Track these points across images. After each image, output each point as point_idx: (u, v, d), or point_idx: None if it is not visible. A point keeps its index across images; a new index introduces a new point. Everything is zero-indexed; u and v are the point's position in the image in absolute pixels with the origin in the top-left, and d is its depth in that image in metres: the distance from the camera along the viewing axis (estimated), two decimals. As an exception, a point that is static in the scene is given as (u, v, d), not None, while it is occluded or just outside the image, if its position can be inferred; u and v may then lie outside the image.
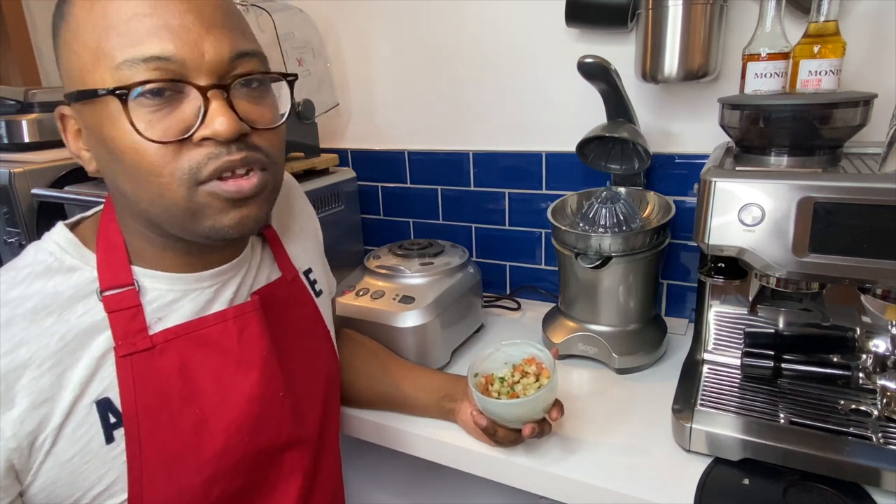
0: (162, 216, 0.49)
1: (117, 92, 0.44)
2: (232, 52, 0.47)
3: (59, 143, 1.22)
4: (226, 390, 0.55)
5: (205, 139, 0.46)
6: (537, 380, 0.70)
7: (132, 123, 0.45)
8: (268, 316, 0.60)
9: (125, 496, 0.50)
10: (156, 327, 0.53)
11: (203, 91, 0.46)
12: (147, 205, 0.49)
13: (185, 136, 0.46)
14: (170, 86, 0.45)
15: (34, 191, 1.07)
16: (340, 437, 0.77)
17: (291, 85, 0.54)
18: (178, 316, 0.54)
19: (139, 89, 0.44)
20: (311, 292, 0.69)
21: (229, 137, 0.46)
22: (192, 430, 0.53)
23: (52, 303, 0.49)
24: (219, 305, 0.57)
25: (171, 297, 0.54)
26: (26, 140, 1.20)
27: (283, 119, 0.53)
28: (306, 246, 0.72)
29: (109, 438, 0.49)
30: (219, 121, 0.46)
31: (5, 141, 1.21)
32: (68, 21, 0.46)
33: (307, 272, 0.70)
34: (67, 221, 0.56)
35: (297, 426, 0.61)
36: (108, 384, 0.50)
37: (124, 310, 0.51)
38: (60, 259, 0.51)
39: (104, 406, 0.49)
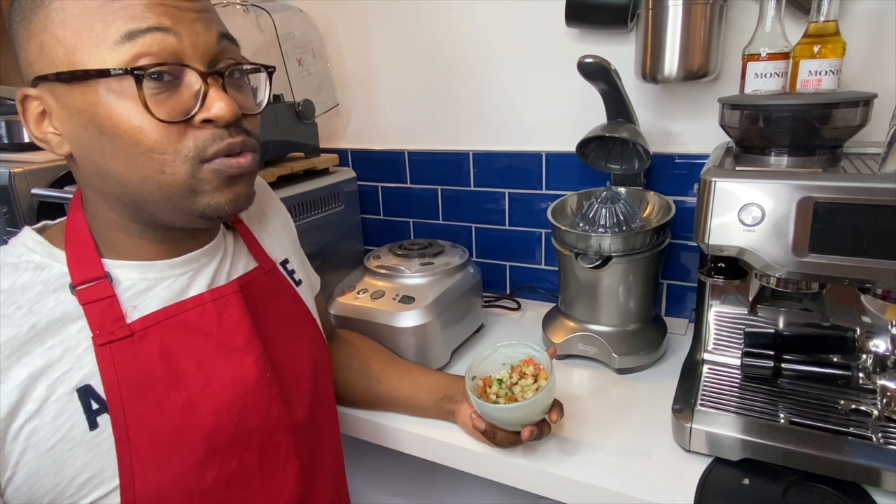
0: (154, 194, 0.50)
1: (135, 72, 0.45)
2: (218, 36, 0.51)
3: (59, 143, 1.22)
4: (210, 373, 0.55)
5: (204, 121, 0.49)
6: (535, 380, 0.70)
7: (145, 103, 0.46)
8: (249, 303, 0.60)
9: (115, 483, 0.49)
10: (132, 315, 0.53)
11: (204, 76, 0.49)
12: (138, 185, 0.49)
13: (187, 117, 0.48)
14: (174, 69, 0.48)
15: (34, 191, 1.07)
16: (341, 437, 0.77)
17: (270, 77, 0.57)
18: (153, 304, 0.54)
19: (137, 71, 0.46)
20: (291, 282, 0.70)
21: (230, 120, 0.50)
22: (180, 413, 0.53)
23: (20, 297, 0.49)
24: (194, 293, 0.57)
25: (145, 286, 0.55)
26: (26, 140, 1.20)
27: (263, 106, 0.57)
28: (279, 239, 0.73)
29: (93, 424, 0.49)
30: (218, 105, 0.49)
31: (5, 141, 1.21)
32: (48, 6, 0.46)
33: (284, 263, 0.71)
34: (33, 226, 0.56)
35: (287, 410, 0.61)
36: (87, 371, 0.50)
37: (98, 301, 0.51)
38: (28, 259, 0.52)
39: (85, 393, 0.49)
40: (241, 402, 0.56)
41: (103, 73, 0.46)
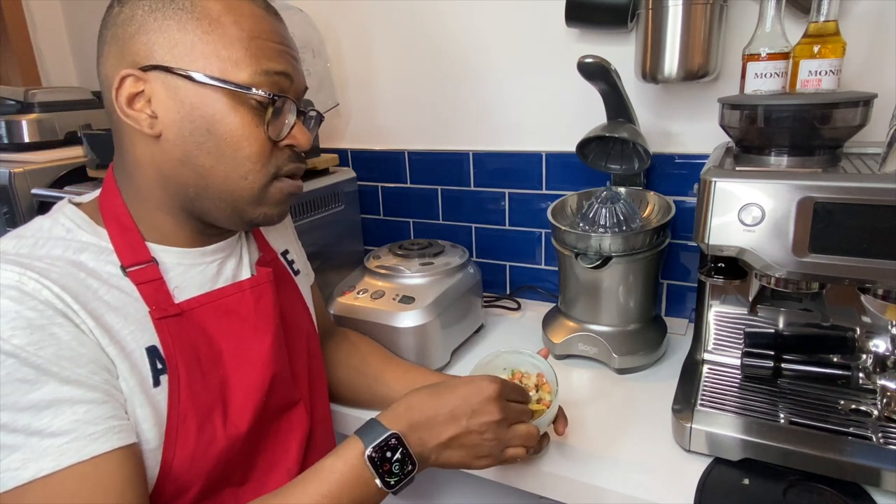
0: (225, 193, 0.57)
1: (274, 97, 0.56)
2: (305, 84, 0.61)
3: (59, 143, 1.22)
4: (244, 354, 0.61)
5: (287, 146, 0.59)
6: (537, 390, 0.69)
7: (267, 124, 0.56)
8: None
9: (161, 441, 0.54)
10: (177, 296, 0.58)
11: (300, 112, 0.59)
12: (218, 181, 0.57)
13: (279, 139, 0.58)
14: (286, 103, 0.58)
15: (34, 191, 1.07)
16: (338, 434, 0.77)
17: (320, 122, 0.69)
18: (191, 286, 0.60)
19: (275, 97, 0.56)
20: (290, 271, 0.76)
21: (307, 149, 0.61)
22: (218, 388, 0.58)
23: (79, 266, 0.53)
24: (223, 280, 0.64)
25: (181, 270, 0.60)
26: (26, 140, 1.20)
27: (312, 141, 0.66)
28: (279, 231, 0.79)
29: (157, 382, 0.54)
30: (302, 136, 0.60)
31: (5, 141, 1.21)
32: (193, 13, 0.53)
33: (284, 253, 0.77)
34: (69, 199, 0.61)
35: (294, 386, 0.68)
36: (150, 335, 0.55)
37: (150, 282, 0.57)
38: (76, 235, 0.56)
39: (153, 353, 0.55)
40: (270, 382, 0.62)
41: (243, 89, 0.54)
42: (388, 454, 0.56)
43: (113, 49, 0.55)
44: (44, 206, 1.06)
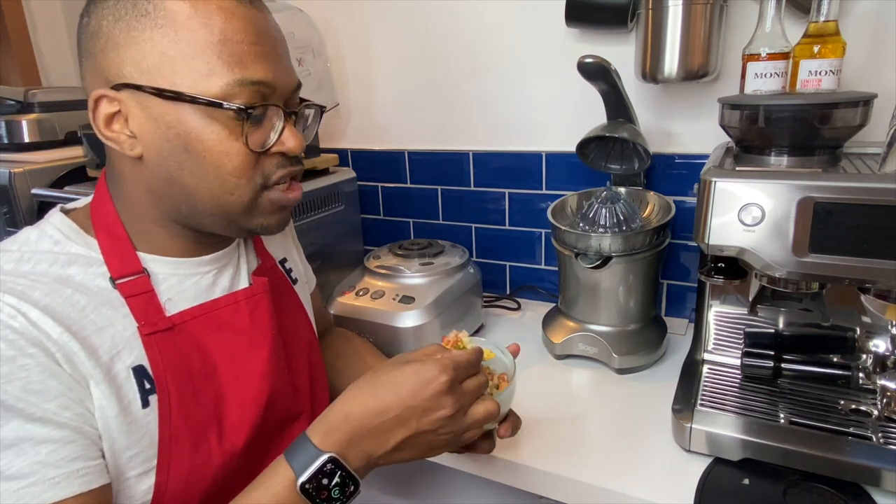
0: (215, 209, 0.54)
1: (248, 110, 0.51)
2: (296, 81, 0.57)
3: (59, 143, 1.22)
4: (239, 368, 0.59)
5: (276, 153, 0.55)
6: (498, 388, 0.62)
7: (245, 137, 0.52)
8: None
9: (154, 463, 0.52)
10: (168, 308, 0.56)
11: (286, 115, 0.54)
12: (204, 199, 0.54)
13: (265, 148, 0.54)
14: (268, 110, 0.54)
15: (34, 191, 1.07)
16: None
17: (321, 114, 0.64)
18: (185, 298, 0.58)
19: (250, 110, 0.51)
20: (288, 280, 0.74)
21: (299, 154, 0.57)
22: (213, 405, 0.56)
23: (66, 282, 0.51)
24: (220, 290, 0.61)
25: (175, 281, 0.58)
26: (26, 140, 1.20)
27: (311, 139, 0.62)
28: (278, 238, 0.76)
29: (145, 403, 0.52)
30: (292, 141, 0.55)
31: (5, 141, 1.21)
32: (157, 19, 0.49)
33: (282, 262, 0.75)
34: (61, 208, 0.58)
35: (295, 400, 0.65)
36: (137, 354, 0.52)
37: (140, 294, 0.54)
38: (65, 247, 0.53)
39: (140, 372, 0.52)
40: (268, 396, 0.60)
41: (214, 104, 0.50)
42: (325, 481, 0.49)
43: (87, 64, 0.52)
44: (44, 206, 1.06)
